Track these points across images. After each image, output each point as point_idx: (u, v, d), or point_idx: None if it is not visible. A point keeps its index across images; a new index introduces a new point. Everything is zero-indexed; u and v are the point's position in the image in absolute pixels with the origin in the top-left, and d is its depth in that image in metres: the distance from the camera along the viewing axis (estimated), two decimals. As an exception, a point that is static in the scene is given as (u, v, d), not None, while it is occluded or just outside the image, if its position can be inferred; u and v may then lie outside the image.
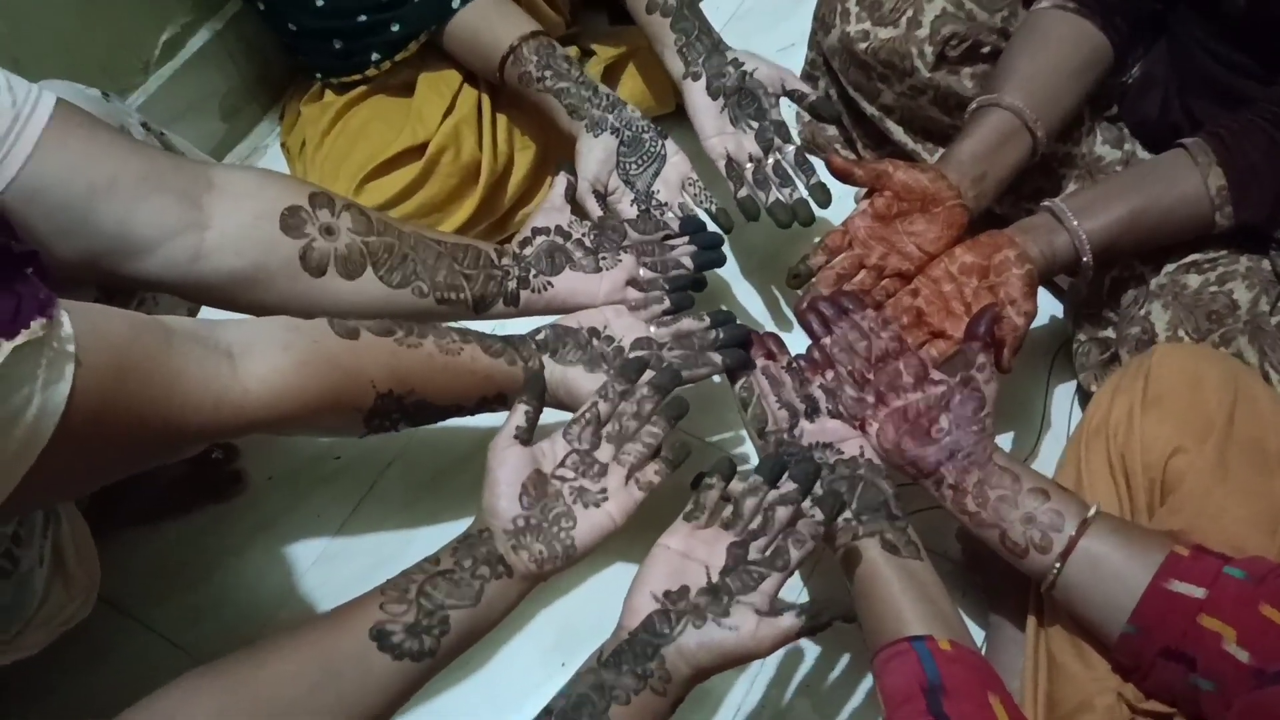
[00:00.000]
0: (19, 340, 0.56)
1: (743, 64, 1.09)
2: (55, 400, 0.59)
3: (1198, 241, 0.99)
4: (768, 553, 0.77)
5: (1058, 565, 0.77)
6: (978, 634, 0.99)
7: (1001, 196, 1.14)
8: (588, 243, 1.00)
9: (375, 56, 1.18)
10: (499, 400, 0.89)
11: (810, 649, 1.01)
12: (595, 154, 1.07)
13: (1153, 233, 0.97)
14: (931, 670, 0.74)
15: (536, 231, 1.00)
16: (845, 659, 1.00)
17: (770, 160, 1.08)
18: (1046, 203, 0.98)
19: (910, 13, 1.09)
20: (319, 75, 1.25)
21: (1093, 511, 0.78)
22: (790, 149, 1.09)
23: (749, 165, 1.08)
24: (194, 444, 0.74)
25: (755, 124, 1.08)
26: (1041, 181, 1.13)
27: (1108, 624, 0.76)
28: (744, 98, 1.09)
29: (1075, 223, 0.96)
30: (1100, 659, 0.80)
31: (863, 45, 1.12)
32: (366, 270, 0.88)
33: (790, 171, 1.08)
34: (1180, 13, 1.05)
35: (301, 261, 0.85)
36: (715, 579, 0.75)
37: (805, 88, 1.10)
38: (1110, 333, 1.06)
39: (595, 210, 1.07)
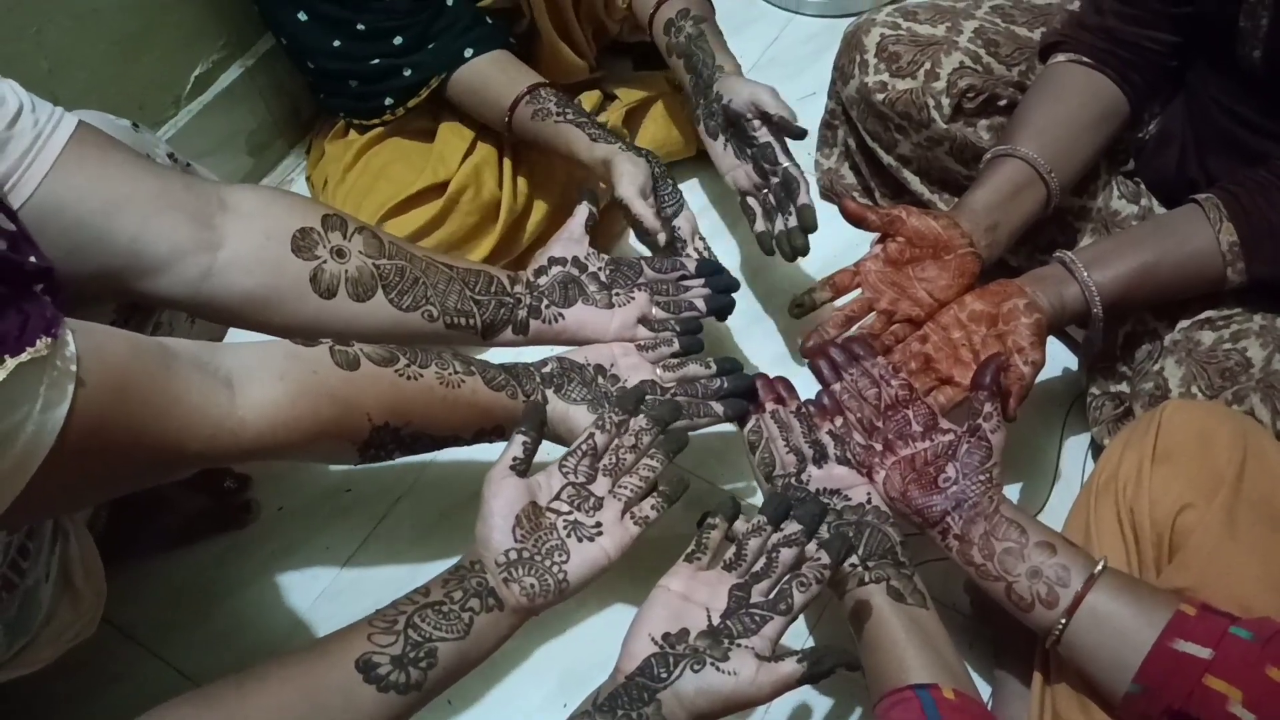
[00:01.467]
0: (23, 358, 0.57)
1: (722, 96, 1.07)
2: (54, 419, 0.59)
3: (1212, 298, 0.99)
4: (771, 595, 0.76)
5: (1063, 621, 0.77)
6: (984, 687, 0.98)
7: (1016, 248, 1.14)
8: (603, 277, 1.00)
9: (389, 101, 1.20)
10: (497, 433, 0.89)
11: (820, 701, 1.00)
12: (639, 169, 1.06)
13: (1165, 287, 0.97)
14: (935, 718, 0.74)
15: (553, 261, 1.00)
16: (857, 713, 0.99)
17: (771, 184, 1.07)
18: (1058, 254, 0.99)
19: (928, 65, 1.11)
20: (342, 114, 1.27)
21: (1100, 567, 0.77)
22: (780, 168, 1.05)
23: (759, 194, 1.08)
24: (189, 467, 0.74)
25: (749, 151, 1.08)
26: (1056, 234, 1.14)
27: (1113, 682, 0.75)
28: (735, 129, 1.08)
29: (1086, 274, 0.96)
30: (1106, 718, 0.79)
31: (880, 96, 1.13)
32: (377, 293, 0.89)
33: (781, 197, 1.06)
34: (1198, 70, 1.06)
35: (312, 283, 0.86)
36: (716, 622, 0.74)
37: (773, 107, 1.04)
38: (1124, 387, 1.06)
39: (650, 216, 1.04)
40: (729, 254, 1.32)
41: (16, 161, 0.72)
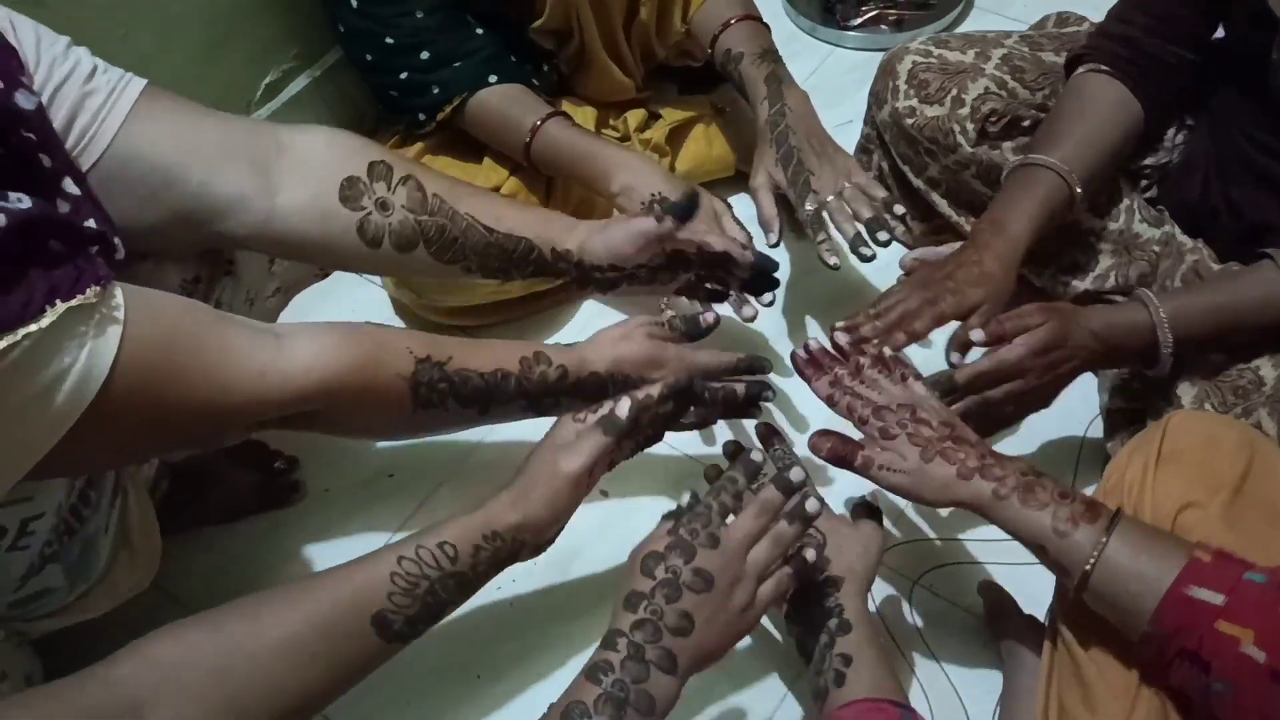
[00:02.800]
0: (72, 303, 0.62)
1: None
2: (101, 359, 0.65)
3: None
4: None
5: (1088, 564, 0.78)
6: (997, 682, 1.01)
7: (1039, 270, 1.19)
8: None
9: (421, 116, 1.25)
10: (539, 359, 0.92)
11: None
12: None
13: (1235, 328, 0.99)
14: None
15: (615, 268, 1.01)
16: None
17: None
18: (1137, 291, 1.02)
19: (955, 91, 1.16)
20: (397, 123, 1.32)
21: (1116, 514, 0.80)
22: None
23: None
24: (240, 418, 0.77)
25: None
26: (1078, 255, 1.18)
27: (1130, 624, 0.77)
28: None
29: (1160, 311, 0.98)
30: (1106, 707, 0.81)
31: (910, 121, 1.19)
32: (419, 246, 0.93)
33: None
34: (1225, 100, 1.09)
35: (359, 232, 0.91)
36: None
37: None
38: (1140, 404, 1.09)
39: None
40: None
41: (94, 114, 0.78)
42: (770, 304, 1.10)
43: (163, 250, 0.88)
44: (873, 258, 1.09)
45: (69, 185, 0.72)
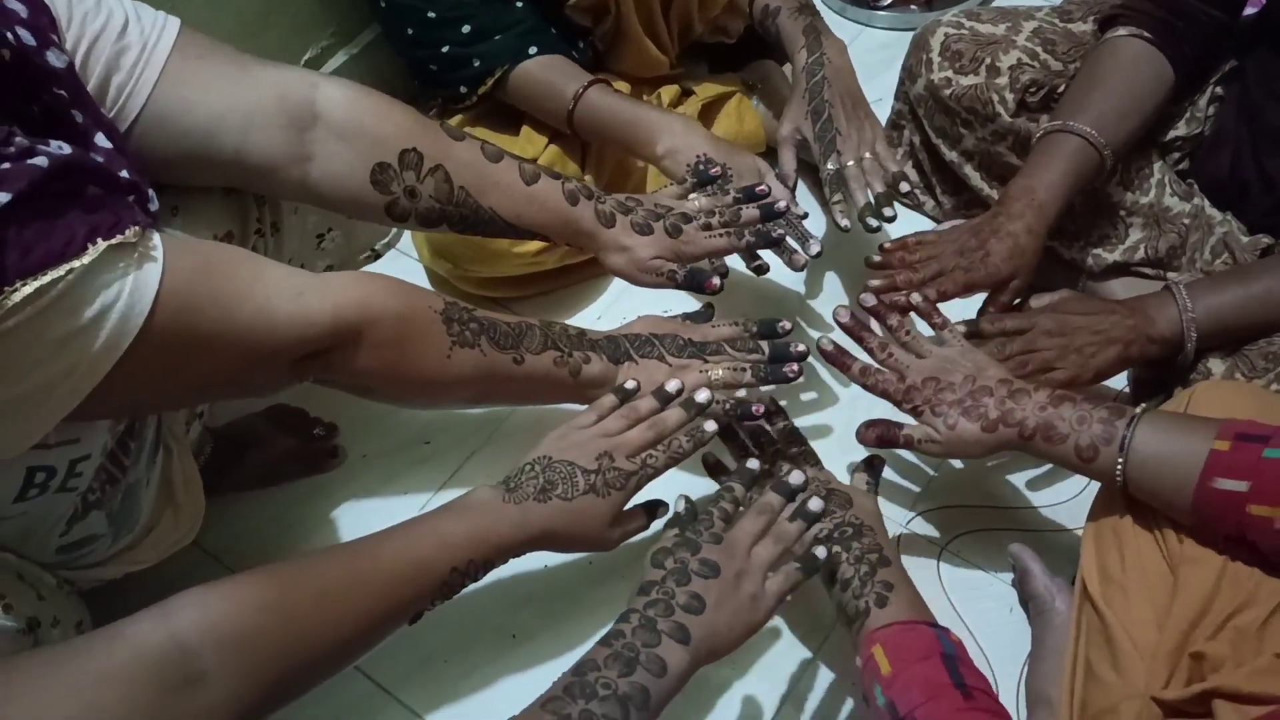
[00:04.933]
0: (113, 240, 0.65)
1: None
2: (143, 294, 0.67)
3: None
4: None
5: (1120, 462, 0.83)
6: (1024, 645, 1.03)
7: (1070, 242, 1.20)
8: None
9: (464, 89, 1.27)
10: (553, 323, 0.98)
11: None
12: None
13: (1270, 319, 1.01)
14: (947, 645, 0.81)
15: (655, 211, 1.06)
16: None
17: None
18: (1167, 283, 1.05)
19: (989, 60, 1.17)
20: (435, 97, 1.34)
21: (1140, 408, 0.85)
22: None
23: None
24: (283, 344, 0.78)
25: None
26: (1109, 229, 1.19)
27: (1177, 513, 0.82)
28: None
29: (1189, 302, 1.01)
30: (1132, 667, 0.83)
31: (947, 92, 1.20)
32: (442, 226, 0.98)
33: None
34: (1260, 68, 1.10)
35: (387, 211, 0.95)
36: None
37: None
38: (1167, 374, 1.10)
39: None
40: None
41: (129, 71, 0.79)
42: (818, 254, 1.12)
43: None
44: (878, 229, 1.12)
45: (100, 139, 0.73)
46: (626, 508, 0.91)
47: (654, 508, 0.95)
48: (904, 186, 1.14)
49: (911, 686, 0.78)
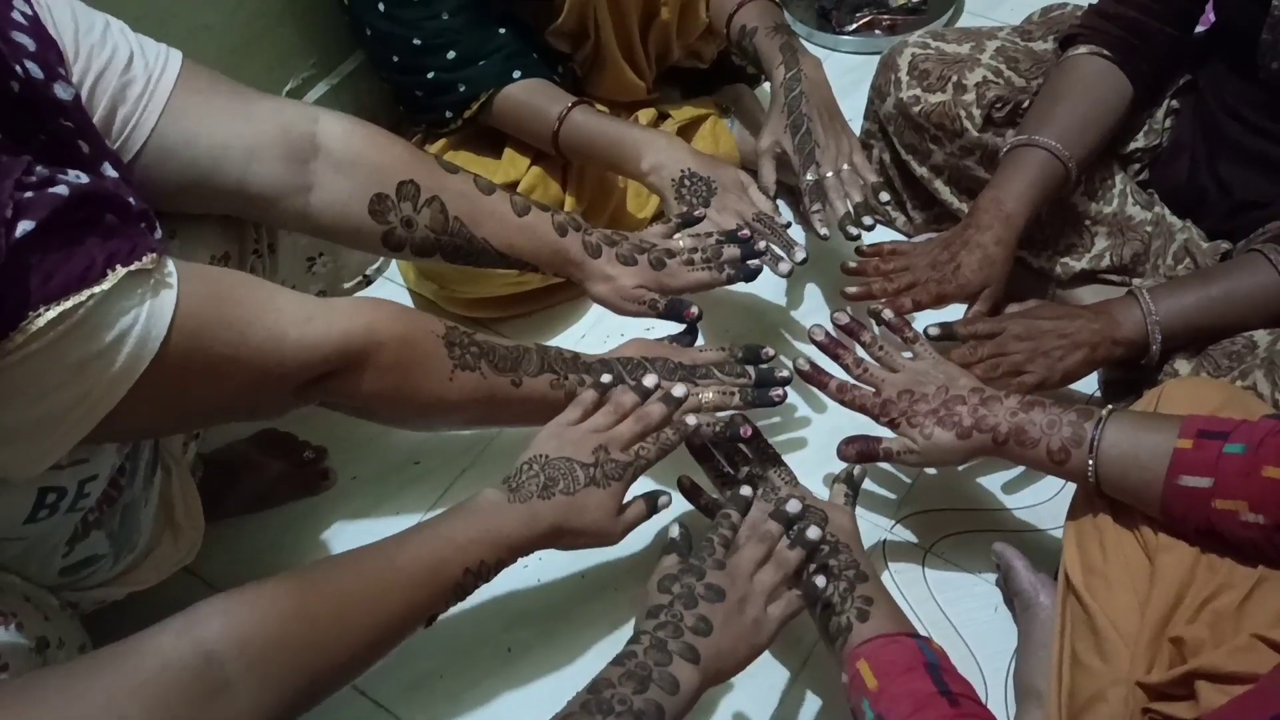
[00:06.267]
0: (132, 267, 0.67)
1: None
2: (159, 319, 0.69)
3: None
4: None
5: (1091, 463, 0.87)
6: (1010, 642, 1.06)
7: (1038, 251, 1.24)
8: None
9: (449, 114, 1.29)
10: (547, 348, 1.00)
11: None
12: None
13: (1228, 320, 1.05)
14: (929, 655, 0.83)
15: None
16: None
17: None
18: (1131, 287, 1.10)
19: (955, 78, 1.21)
20: (418, 125, 1.37)
21: (1107, 411, 0.88)
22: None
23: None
24: (292, 367, 0.80)
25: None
26: (1074, 237, 1.23)
27: (1148, 509, 0.86)
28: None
29: (1152, 306, 1.05)
30: (1117, 654, 0.85)
31: (916, 109, 1.24)
32: (436, 256, 1.01)
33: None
34: (1213, 80, 1.15)
35: (383, 240, 0.98)
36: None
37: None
38: (1136, 375, 1.14)
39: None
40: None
41: (135, 104, 0.81)
42: (803, 261, 1.14)
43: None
44: (857, 238, 1.16)
45: (107, 169, 0.76)
46: (625, 499, 0.93)
47: (655, 498, 0.97)
48: (883, 196, 1.18)
49: (899, 699, 0.80)
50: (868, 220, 1.15)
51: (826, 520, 0.96)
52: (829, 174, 1.17)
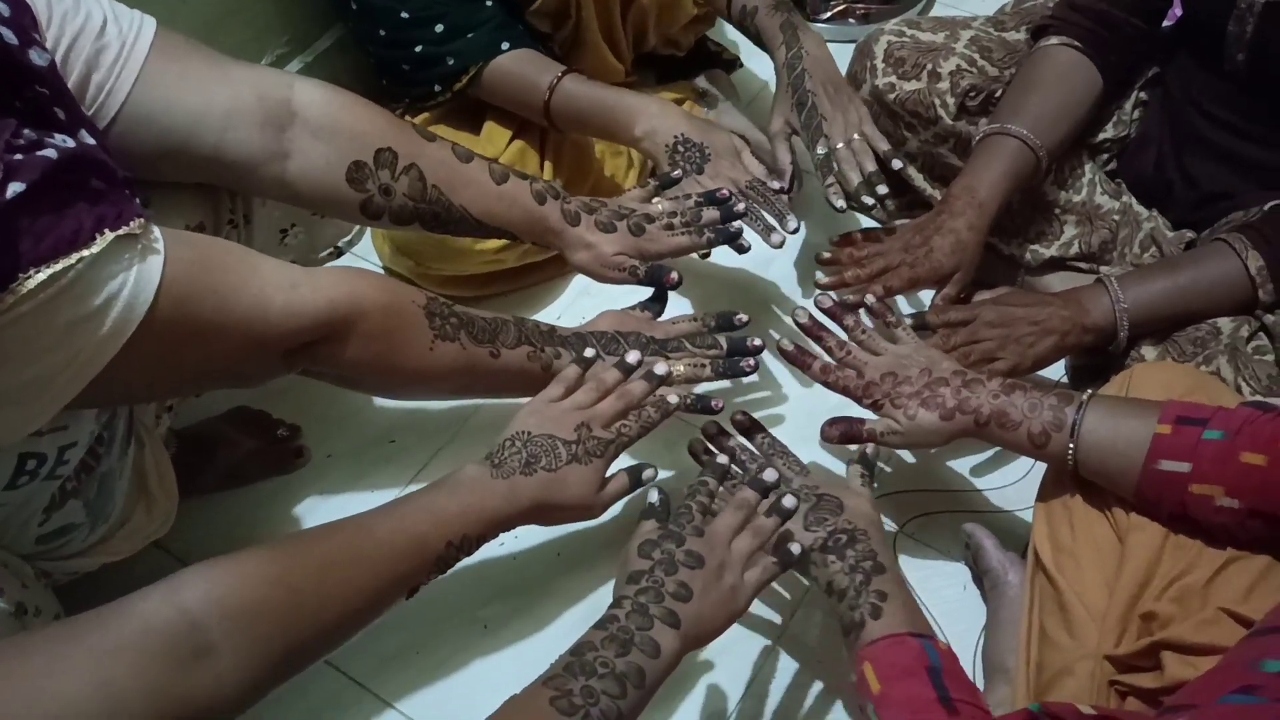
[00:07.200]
0: (120, 231, 0.67)
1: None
2: (147, 284, 0.69)
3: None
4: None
5: (1071, 447, 0.88)
6: (978, 620, 1.08)
7: (1008, 239, 1.26)
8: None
9: (437, 88, 1.29)
10: (525, 320, 1.01)
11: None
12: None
13: (1194, 308, 1.07)
14: (934, 657, 0.82)
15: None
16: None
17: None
18: (1099, 276, 1.11)
19: (929, 66, 1.23)
20: (405, 100, 1.35)
21: (1088, 395, 0.90)
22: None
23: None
24: (278, 333, 0.81)
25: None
26: (1044, 225, 1.25)
27: (1123, 492, 0.87)
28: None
29: (1120, 294, 1.07)
30: (1085, 629, 0.88)
31: (891, 96, 1.26)
32: (414, 224, 1.01)
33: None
34: (1180, 74, 1.18)
35: (361, 209, 0.98)
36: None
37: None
38: (1103, 360, 1.16)
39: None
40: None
41: (109, 70, 0.80)
42: (795, 230, 1.15)
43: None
44: (872, 207, 1.17)
45: (84, 136, 0.74)
46: (608, 474, 0.94)
47: (638, 471, 0.98)
48: (896, 164, 1.18)
49: (899, 705, 0.80)
50: (882, 189, 1.15)
51: (841, 507, 0.94)
52: (839, 145, 1.17)
